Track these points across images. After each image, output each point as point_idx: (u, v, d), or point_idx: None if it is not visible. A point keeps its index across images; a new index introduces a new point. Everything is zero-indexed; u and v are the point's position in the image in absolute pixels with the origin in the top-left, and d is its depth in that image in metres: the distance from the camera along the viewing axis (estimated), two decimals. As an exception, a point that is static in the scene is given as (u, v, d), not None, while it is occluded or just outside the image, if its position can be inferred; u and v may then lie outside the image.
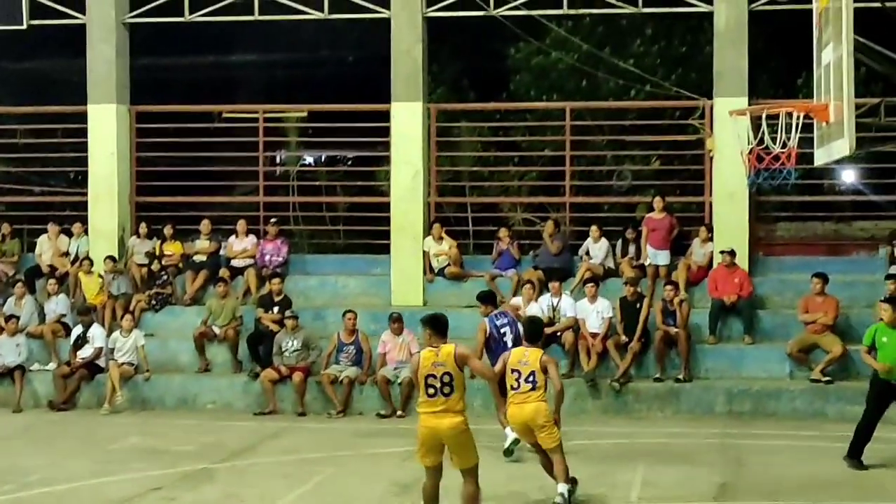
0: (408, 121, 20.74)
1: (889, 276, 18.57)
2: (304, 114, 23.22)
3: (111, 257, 20.91)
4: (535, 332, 12.90)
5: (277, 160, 26.65)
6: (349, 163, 28.44)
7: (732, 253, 19.30)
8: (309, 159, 29.11)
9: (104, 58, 21.52)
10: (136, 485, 13.76)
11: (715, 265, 19.67)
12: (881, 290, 18.53)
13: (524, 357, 12.32)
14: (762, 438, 16.32)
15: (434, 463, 11.05)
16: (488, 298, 15.85)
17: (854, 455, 14.26)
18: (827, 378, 17.95)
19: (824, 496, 13.07)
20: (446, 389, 10.72)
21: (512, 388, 12.22)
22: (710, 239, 20.00)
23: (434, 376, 10.71)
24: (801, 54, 17.06)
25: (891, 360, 14.19)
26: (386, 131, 21.14)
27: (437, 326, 10.92)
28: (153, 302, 20.68)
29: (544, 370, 12.20)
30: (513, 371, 12.25)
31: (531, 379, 12.15)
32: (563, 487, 12.03)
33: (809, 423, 17.33)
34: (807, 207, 22.63)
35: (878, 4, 12.92)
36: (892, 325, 14.22)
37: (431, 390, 10.74)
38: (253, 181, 23.08)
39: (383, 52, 20.92)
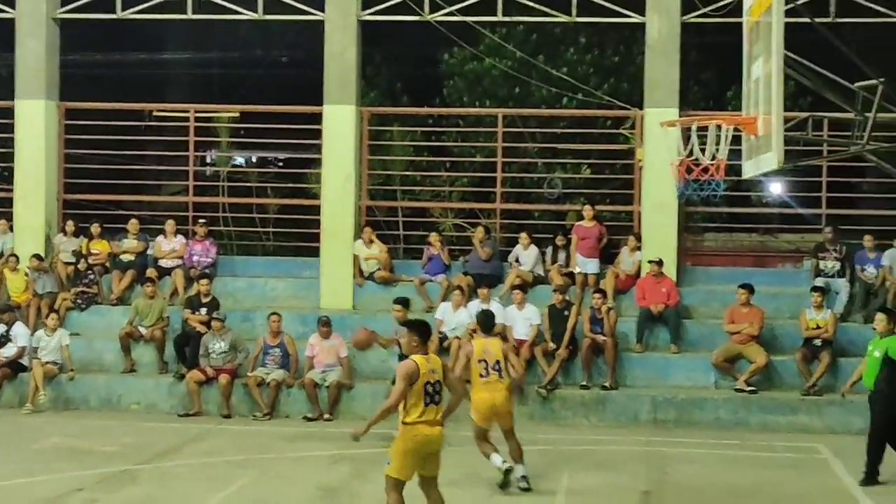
0: (340, 124, 20.69)
1: (815, 288, 18.84)
2: (236, 114, 23.08)
3: (37, 255, 20.64)
4: (490, 323, 14.04)
5: (207, 160, 26.49)
6: (280, 164, 28.33)
7: (660, 262, 19.46)
8: (239, 160, 28.96)
9: (33, 53, 21.24)
10: (58, 485, 13.62)
11: (643, 274, 19.82)
12: (806, 302, 18.83)
13: (487, 347, 13.37)
14: (686, 447, 16.48)
15: (412, 476, 10.66)
16: (407, 302, 16.77)
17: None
18: (751, 388, 18.15)
19: (746, 505, 13.24)
20: (437, 398, 10.55)
21: (480, 377, 13.16)
22: (639, 248, 20.14)
23: (430, 383, 10.45)
24: (731, 67, 17.28)
25: (867, 370, 14.40)
26: (318, 133, 21.07)
27: (423, 333, 10.74)
28: (79, 301, 20.44)
29: (505, 358, 13.44)
30: (480, 361, 13.20)
31: (497, 367, 13.26)
32: (522, 469, 13.38)
33: (732, 432, 17.52)
34: (734, 219, 22.87)
35: (807, 20, 13.08)
36: (882, 335, 14.33)
37: (428, 398, 10.43)
38: (182, 181, 22.90)
39: (317, 54, 20.87)
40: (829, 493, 13.90)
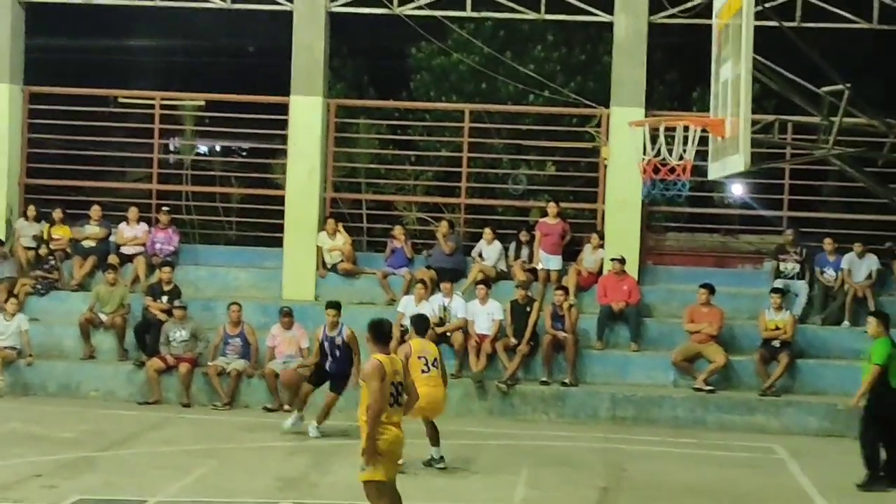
0: (306, 115, 20.65)
1: (774, 290, 18.99)
2: (202, 102, 22.98)
3: (-1, 241, 20.55)
4: (425, 326, 14.71)
5: (171, 148, 26.38)
6: (244, 154, 28.25)
7: (622, 261, 19.55)
8: (203, 149, 28.84)
9: (-1, 36, 21.12)
10: (15, 471, 13.54)
11: (605, 272, 19.91)
12: (765, 303, 18.98)
13: (424, 346, 14.11)
14: (644, 444, 16.59)
15: (393, 475, 10.47)
16: (339, 306, 16.95)
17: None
18: (709, 387, 18.28)
19: (702, 502, 13.35)
20: (400, 399, 10.38)
21: (423, 372, 13.62)
22: (602, 246, 20.22)
23: (394, 384, 10.26)
24: (696, 68, 17.39)
25: (865, 373, 14.38)
26: (283, 124, 21.03)
27: (382, 333, 10.58)
28: (38, 286, 20.32)
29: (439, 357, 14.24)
30: (419, 357, 13.83)
31: (435, 364, 14.00)
32: (438, 451, 14.21)
33: (689, 430, 17.65)
34: (696, 219, 23.01)
35: (775, 23, 13.19)
36: (873, 338, 14.46)
37: (392, 399, 10.27)
38: (146, 168, 22.78)
39: (284, 45, 20.82)
40: (784, 492, 14.02)
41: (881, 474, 14.15)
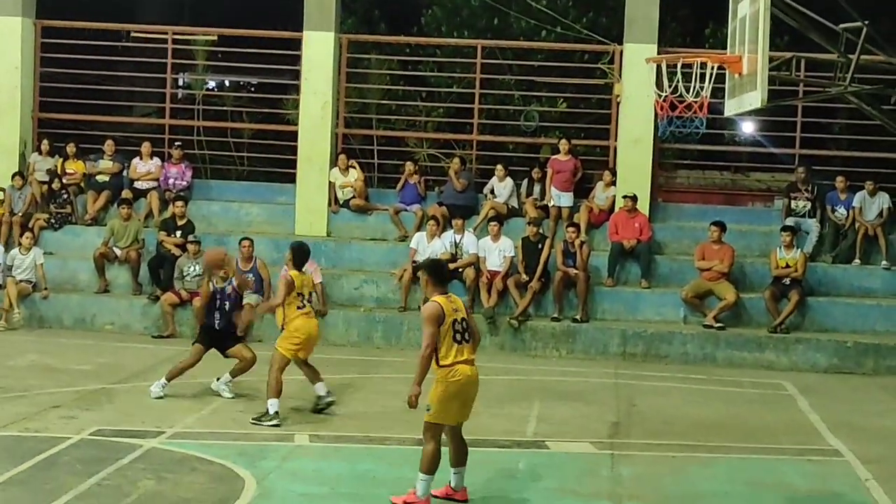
0: (319, 50, 20.64)
1: (785, 228, 19.06)
2: (214, 37, 22.91)
3: (19, 173, 20.63)
4: (304, 259, 13.86)
5: (180, 83, 26.34)
6: (251, 89, 28.18)
7: (634, 198, 19.62)
8: (211, 83, 28.76)
9: (11, -30, 21.07)
10: (34, 402, 13.71)
11: (616, 209, 19.98)
12: (776, 241, 19.08)
13: (303, 280, 13.63)
14: (653, 380, 16.75)
15: (455, 421, 10.37)
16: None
17: None
18: (719, 325, 18.41)
19: (712, 436, 13.49)
20: (467, 336, 10.22)
21: (298, 308, 13.40)
22: (613, 183, 20.28)
23: (457, 321, 10.11)
24: (709, 4, 17.32)
25: None
26: (295, 59, 21.00)
27: (438, 273, 10.43)
28: (53, 220, 20.44)
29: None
30: (298, 294, 13.43)
31: (310, 299, 13.77)
32: (323, 388, 13.84)
33: (699, 367, 17.81)
34: (707, 157, 22.99)
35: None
36: None
37: (459, 336, 10.10)
38: (158, 103, 22.78)
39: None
40: (794, 427, 14.16)
41: None
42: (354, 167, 20.85)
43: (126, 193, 20.52)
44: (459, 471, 10.52)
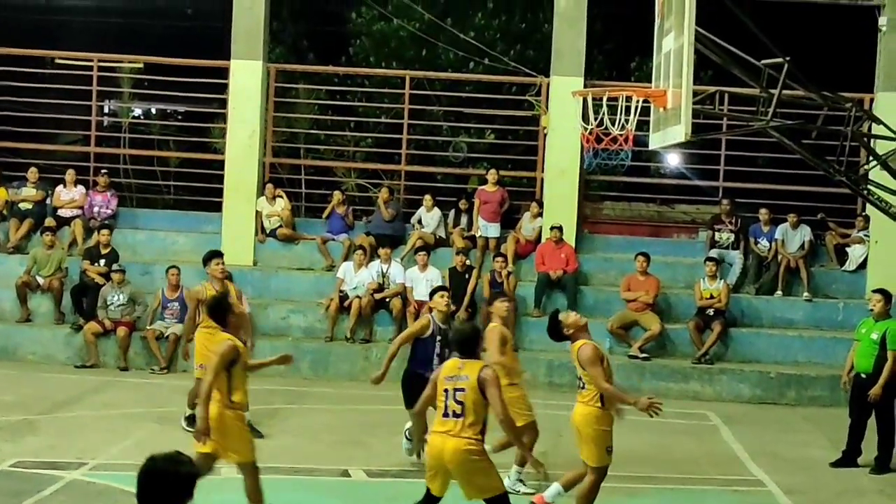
0: (246, 79, 20.58)
1: (709, 259, 19.27)
2: (140, 65, 22.79)
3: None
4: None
5: (105, 110, 26.14)
6: (179, 118, 28.03)
7: (560, 229, 19.74)
8: (138, 111, 28.58)
9: (-67, -6, 20.85)
10: (-46, 433, 13.51)
11: (543, 240, 20.08)
12: (700, 272, 19.26)
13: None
14: (580, 411, 16.72)
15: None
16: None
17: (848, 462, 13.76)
18: (644, 355, 18.54)
19: (638, 467, 13.53)
20: (458, 409, 9.27)
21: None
22: (540, 214, 20.40)
23: (447, 391, 9.23)
24: (635, 38, 17.50)
25: (859, 352, 13.61)
26: (223, 88, 20.94)
27: (464, 347, 9.51)
28: (-26, 248, 20.18)
29: None
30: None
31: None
32: None
33: (625, 397, 17.83)
34: (632, 188, 23.19)
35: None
36: (877, 317, 13.54)
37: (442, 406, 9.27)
38: (84, 130, 22.59)
39: (224, 8, 20.69)
40: (718, 457, 14.28)
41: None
42: (281, 196, 20.79)
43: (49, 221, 20.31)
44: None
